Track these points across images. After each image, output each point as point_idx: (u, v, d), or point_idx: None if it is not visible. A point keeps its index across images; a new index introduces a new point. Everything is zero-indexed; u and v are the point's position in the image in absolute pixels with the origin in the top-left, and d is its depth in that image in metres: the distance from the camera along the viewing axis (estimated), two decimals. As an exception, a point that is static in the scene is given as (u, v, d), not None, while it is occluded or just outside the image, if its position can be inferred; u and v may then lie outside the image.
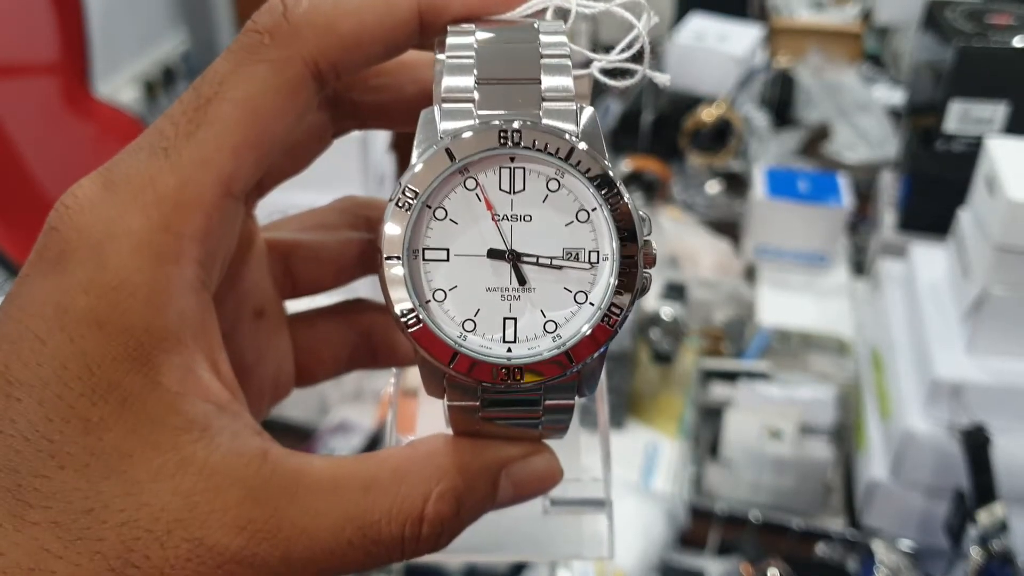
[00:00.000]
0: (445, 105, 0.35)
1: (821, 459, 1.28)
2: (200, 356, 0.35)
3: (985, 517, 1.04)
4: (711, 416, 1.38)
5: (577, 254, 0.36)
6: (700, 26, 2.10)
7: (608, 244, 0.36)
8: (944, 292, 1.26)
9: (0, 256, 1.50)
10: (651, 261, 0.36)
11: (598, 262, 0.36)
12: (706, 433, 1.37)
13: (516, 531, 0.46)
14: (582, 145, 0.35)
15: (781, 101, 2.09)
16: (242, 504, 0.33)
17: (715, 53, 2.00)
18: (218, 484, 0.33)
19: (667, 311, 1.41)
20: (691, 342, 1.47)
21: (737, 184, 1.88)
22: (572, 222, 0.36)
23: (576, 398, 0.38)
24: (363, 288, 0.48)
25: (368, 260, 0.47)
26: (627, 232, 0.35)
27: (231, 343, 0.41)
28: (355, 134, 1.27)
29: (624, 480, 1.29)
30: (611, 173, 0.35)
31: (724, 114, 1.88)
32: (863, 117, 2.03)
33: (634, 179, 1.80)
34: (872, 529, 1.24)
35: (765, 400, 1.33)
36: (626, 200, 0.35)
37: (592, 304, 0.36)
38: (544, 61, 0.36)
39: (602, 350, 0.36)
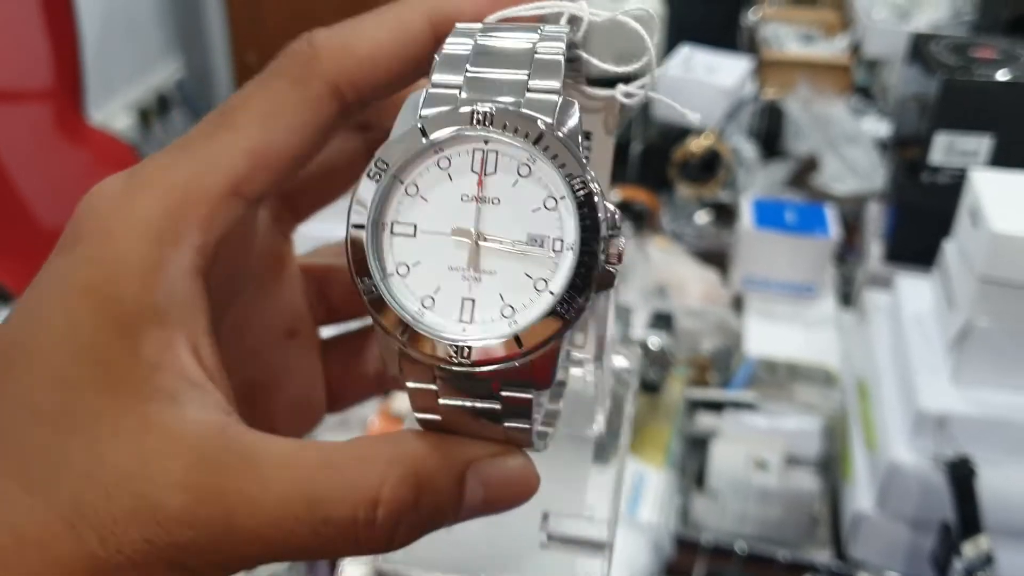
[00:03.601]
0: (431, 90, 0.36)
1: (807, 490, 1.28)
2: (182, 336, 0.36)
3: (970, 549, 1.04)
4: (697, 446, 1.37)
5: (542, 241, 0.35)
6: (689, 57, 2.12)
7: (572, 234, 0.35)
8: (929, 323, 1.26)
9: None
10: (616, 255, 0.35)
11: (561, 251, 0.35)
12: (692, 463, 1.37)
13: (511, 558, 0.46)
14: (557, 133, 0.34)
15: (770, 132, 2.10)
16: (191, 468, 0.33)
17: (704, 84, 2.01)
18: (173, 448, 0.34)
19: (654, 340, 1.41)
20: (678, 371, 1.47)
21: (725, 214, 1.89)
22: (540, 208, 0.35)
23: (535, 393, 0.36)
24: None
25: None
26: (590, 222, 0.34)
27: (260, 359, 0.43)
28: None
29: (610, 510, 1.28)
30: (582, 163, 0.34)
31: (713, 145, 1.89)
32: (852, 149, 2.04)
33: (623, 209, 1.80)
34: (858, 561, 1.23)
35: (751, 430, 1.33)
36: (593, 190, 0.34)
37: (552, 293, 0.35)
38: (537, 57, 0.36)
39: (554, 340, 0.35)
